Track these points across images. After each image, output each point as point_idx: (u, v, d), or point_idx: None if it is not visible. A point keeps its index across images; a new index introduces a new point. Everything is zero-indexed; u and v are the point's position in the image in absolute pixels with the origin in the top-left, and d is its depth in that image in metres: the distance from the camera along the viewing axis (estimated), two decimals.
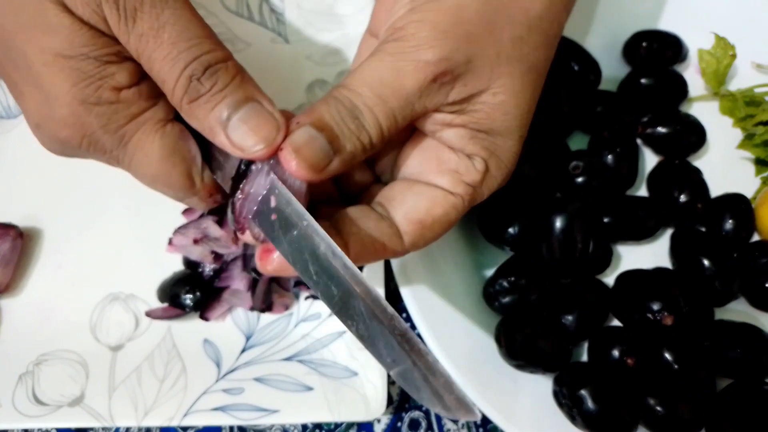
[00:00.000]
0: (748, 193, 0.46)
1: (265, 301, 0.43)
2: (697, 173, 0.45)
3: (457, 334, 0.41)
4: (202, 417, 0.40)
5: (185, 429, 0.42)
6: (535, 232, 0.41)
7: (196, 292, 0.42)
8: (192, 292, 0.42)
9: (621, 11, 0.50)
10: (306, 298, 0.44)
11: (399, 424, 0.43)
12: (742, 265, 0.42)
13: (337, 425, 0.43)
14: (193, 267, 0.44)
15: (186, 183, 0.31)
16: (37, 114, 0.29)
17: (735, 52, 0.47)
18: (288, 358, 0.42)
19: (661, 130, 0.46)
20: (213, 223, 0.43)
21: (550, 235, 0.41)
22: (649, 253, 0.45)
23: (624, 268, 0.44)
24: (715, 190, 0.45)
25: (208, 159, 0.31)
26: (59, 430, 0.42)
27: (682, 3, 0.50)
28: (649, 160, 0.48)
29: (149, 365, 0.42)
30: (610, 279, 0.43)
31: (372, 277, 0.42)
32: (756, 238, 0.45)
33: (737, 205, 0.44)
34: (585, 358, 0.42)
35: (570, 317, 0.40)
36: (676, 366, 0.37)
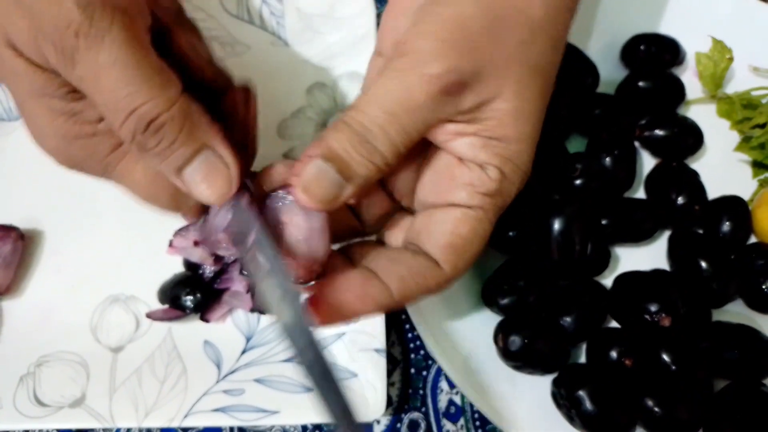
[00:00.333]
0: (745, 195, 0.46)
1: None
2: (694, 175, 0.46)
3: (456, 334, 0.41)
4: (203, 418, 0.40)
5: (186, 430, 0.42)
6: (533, 234, 0.42)
7: (197, 293, 0.42)
8: (192, 294, 0.42)
9: (619, 15, 0.50)
10: None
11: (398, 425, 0.43)
12: (740, 266, 0.42)
13: None
14: (193, 269, 0.44)
15: (174, 204, 0.31)
16: (34, 139, 0.30)
17: (732, 55, 0.47)
18: (288, 360, 0.42)
19: (659, 132, 0.47)
20: None
21: (549, 236, 0.41)
22: (647, 255, 0.45)
23: (622, 270, 0.44)
24: (713, 192, 0.45)
25: None
26: (60, 431, 0.42)
27: (680, 6, 0.50)
28: (647, 162, 0.48)
29: (150, 366, 0.42)
30: (608, 280, 0.43)
31: None
32: (753, 240, 0.45)
33: (734, 207, 0.45)
34: (583, 359, 0.42)
35: (568, 318, 0.41)
36: (674, 367, 0.38)
